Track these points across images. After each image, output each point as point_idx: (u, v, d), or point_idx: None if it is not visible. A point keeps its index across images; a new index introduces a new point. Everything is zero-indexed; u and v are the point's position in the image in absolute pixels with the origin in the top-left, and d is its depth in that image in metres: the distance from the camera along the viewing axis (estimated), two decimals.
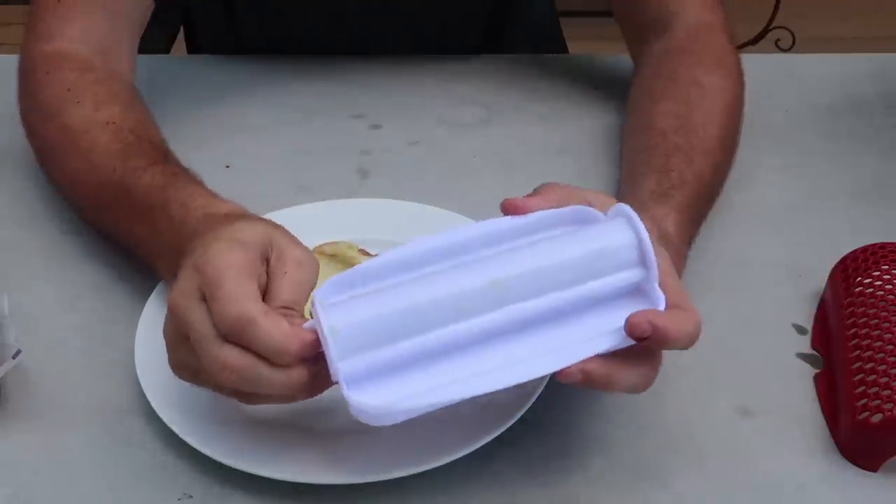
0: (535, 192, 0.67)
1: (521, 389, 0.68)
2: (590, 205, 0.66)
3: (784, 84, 1.04)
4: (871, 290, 0.75)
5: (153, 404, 0.68)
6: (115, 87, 0.85)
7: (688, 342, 0.62)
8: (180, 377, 0.64)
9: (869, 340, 0.71)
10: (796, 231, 0.87)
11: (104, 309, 0.78)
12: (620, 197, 0.81)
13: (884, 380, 0.68)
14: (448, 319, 0.61)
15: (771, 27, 1.72)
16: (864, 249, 0.78)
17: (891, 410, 0.66)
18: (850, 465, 0.69)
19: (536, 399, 0.68)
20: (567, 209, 0.66)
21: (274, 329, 0.59)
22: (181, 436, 0.66)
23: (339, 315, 0.60)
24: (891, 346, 0.70)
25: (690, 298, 0.64)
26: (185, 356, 0.62)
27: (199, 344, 0.60)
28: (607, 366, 0.61)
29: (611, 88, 1.01)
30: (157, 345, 0.72)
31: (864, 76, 1.05)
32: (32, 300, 0.78)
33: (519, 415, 0.67)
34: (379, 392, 0.60)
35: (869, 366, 0.70)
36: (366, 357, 0.60)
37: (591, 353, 0.60)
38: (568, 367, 0.60)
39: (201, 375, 0.62)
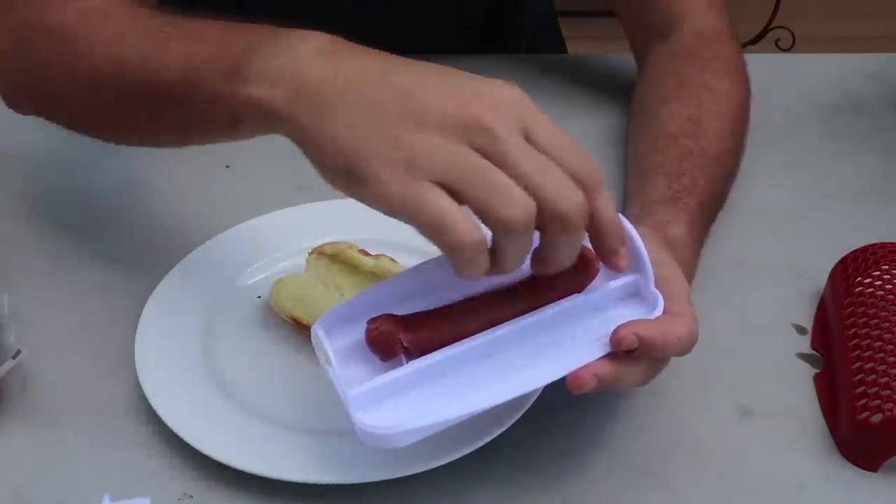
0: None
1: None
2: None
3: (784, 84, 1.04)
4: (871, 290, 0.75)
5: (153, 404, 0.68)
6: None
7: (680, 348, 0.62)
8: None
9: (869, 340, 0.71)
10: (796, 231, 0.87)
11: (104, 309, 0.78)
12: (628, 199, 0.81)
13: (884, 380, 0.68)
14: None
15: (771, 27, 1.72)
16: (864, 249, 0.78)
17: (891, 410, 0.66)
18: (850, 465, 0.69)
19: (536, 399, 0.68)
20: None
21: None
22: (181, 436, 0.66)
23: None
24: (891, 346, 0.70)
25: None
26: None
27: None
28: (614, 365, 0.61)
29: (611, 88, 1.01)
30: (158, 345, 0.72)
31: (864, 76, 1.05)
32: (32, 300, 0.78)
33: (519, 415, 0.67)
34: (387, 414, 0.59)
35: (869, 366, 0.70)
36: (374, 382, 0.60)
37: (594, 357, 0.61)
38: (581, 376, 0.60)
39: None
